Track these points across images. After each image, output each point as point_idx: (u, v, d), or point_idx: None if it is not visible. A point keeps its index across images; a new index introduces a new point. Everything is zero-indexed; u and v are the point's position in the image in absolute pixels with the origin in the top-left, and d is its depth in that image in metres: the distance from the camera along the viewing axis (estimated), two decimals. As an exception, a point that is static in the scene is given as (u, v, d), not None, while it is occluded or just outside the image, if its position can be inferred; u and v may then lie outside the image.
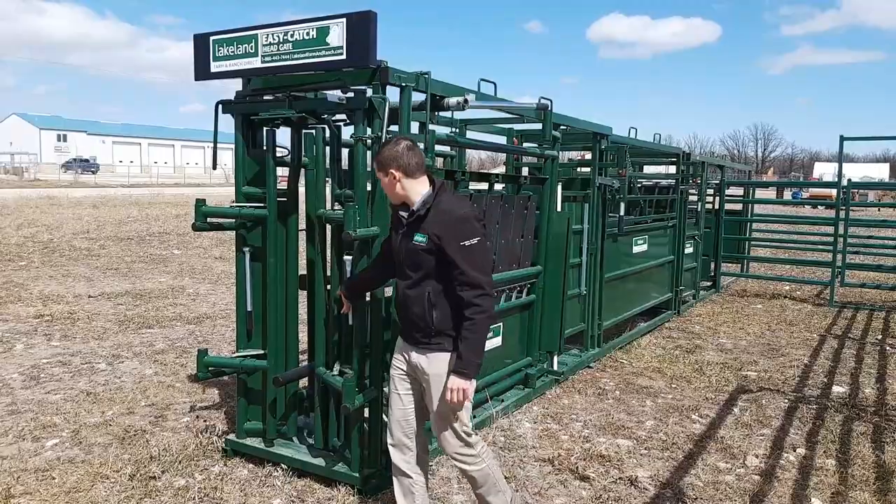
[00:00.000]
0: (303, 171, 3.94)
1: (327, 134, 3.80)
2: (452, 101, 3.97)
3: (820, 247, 12.63)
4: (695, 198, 10.20)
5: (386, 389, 3.63)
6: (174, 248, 15.17)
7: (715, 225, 11.33)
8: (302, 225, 4.04)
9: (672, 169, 9.53)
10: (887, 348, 7.67)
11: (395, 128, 3.65)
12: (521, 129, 7.21)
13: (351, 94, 3.51)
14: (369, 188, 3.53)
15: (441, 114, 4.34)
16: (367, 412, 3.71)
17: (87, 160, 67.74)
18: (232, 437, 4.22)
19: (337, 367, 3.76)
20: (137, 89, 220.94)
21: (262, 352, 3.99)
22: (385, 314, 3.66)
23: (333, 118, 3.60)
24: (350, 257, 3.54)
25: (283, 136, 4.02)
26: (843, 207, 10.56)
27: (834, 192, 33.28)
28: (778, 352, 7.49)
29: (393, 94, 3.59)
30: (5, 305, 8.63)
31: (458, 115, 5.42)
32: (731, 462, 4.38)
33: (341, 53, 3.38)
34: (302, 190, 3.97)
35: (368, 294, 3.56)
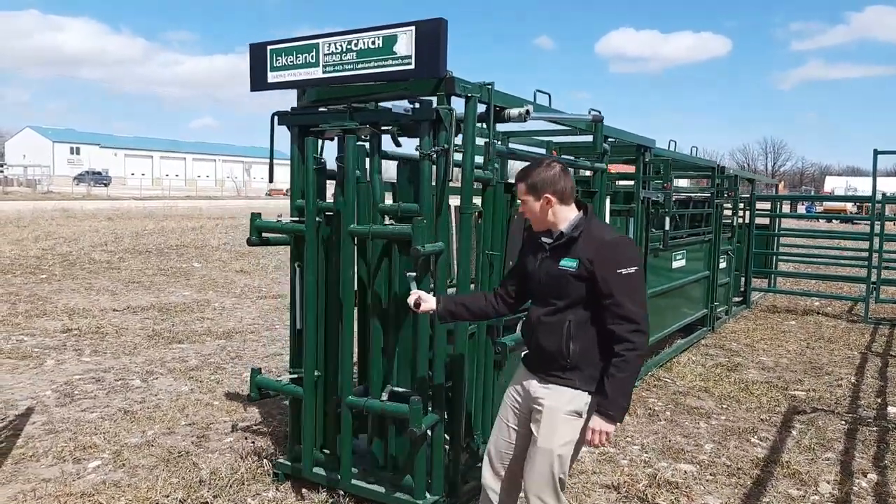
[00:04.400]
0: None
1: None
2: (514, 112, 3.83)
3: (852, 262, 12.42)
4: (727, 212, 10.03)
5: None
6: (193, 260, 15.08)
7: (745, 239, 11.14)
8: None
9: (692, 182, 9.36)
10: (936, 367, 7.45)
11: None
12: (560, 141, 7.07)
13: (416, 105, 3.37)
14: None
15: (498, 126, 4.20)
16: (429, 435, 3.54)
17: (99, 173, 68.07)
18: (282, 460, 4.06)
19: (388, 389, 3.59)
20: (150, 103, 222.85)
21: (317, 374, 3.82)
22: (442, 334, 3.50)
23: (396, 130, 3.46)
24: (413, 274, 3.38)
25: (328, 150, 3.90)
26: (879, 222, 10.36)
27: (848, 205, 32.86)
28: (821, 370, 7.29)
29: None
30: (31, 319, 8.52)
31: (503, 126, 5.30)
32: (803, 489, 4.19)
33: (409, 63, 3.25)
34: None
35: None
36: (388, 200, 3.79)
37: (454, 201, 3.63)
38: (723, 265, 9.68)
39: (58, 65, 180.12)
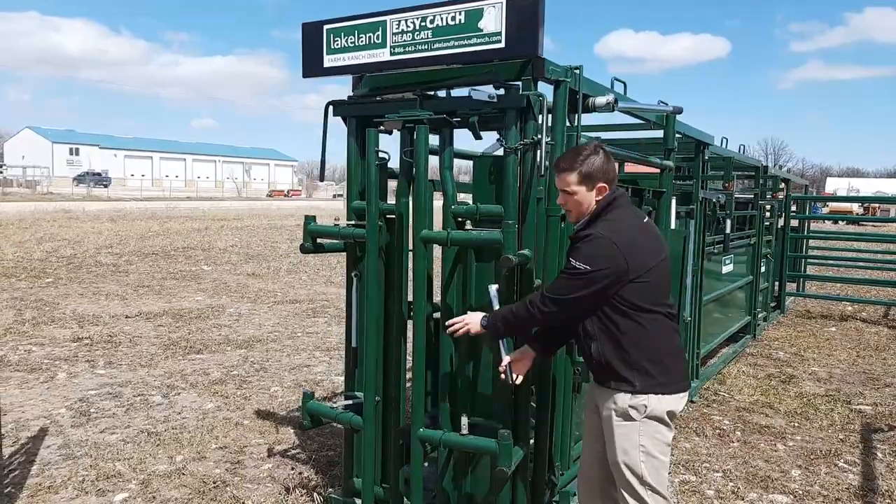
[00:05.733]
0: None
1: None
2: (601, 100, 3.38)
3: (885, 266, 11.98)
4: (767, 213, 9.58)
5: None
6: (202, 263, 14.62)
7: (781, 242, 10.69)
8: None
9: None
10: None
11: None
12: (609, 137, 6.60)
13: (502, 91, 2.92)
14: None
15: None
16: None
17: (98, 174, 67.48)
18: (335, 495, 3.60)
19: (465, 420, 3.11)
20: (150, 104, 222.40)
21: (377, 399, 3.35)
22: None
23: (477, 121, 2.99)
24: (496, 286, 2.92)
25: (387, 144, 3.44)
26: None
27: (854, 206, 32.29)
28: (880, 381, 6.84)
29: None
30: (39, 327, 8.05)
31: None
32: (919, 525, 3.74)
33: (499, 41, 2.79)
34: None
35: None
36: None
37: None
38: (763, 269, 9.24)
39: (58, 66, 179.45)
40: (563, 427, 3.51)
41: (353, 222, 3.32)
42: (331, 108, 3.37)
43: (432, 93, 3.16)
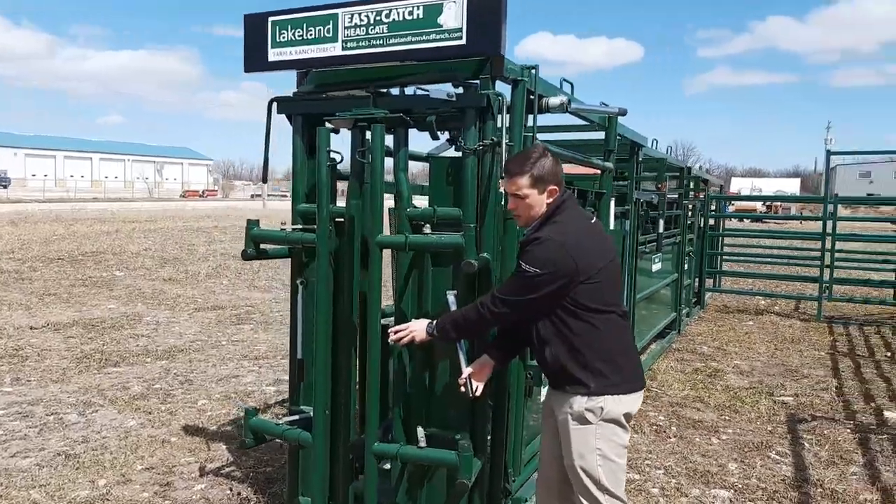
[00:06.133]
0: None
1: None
2: (555, 101, 3.34)
3: (798, 262, 12.63)
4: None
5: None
6: (114, 269, 13.85)
7: (700, 240, 11.07)
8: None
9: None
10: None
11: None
12: (554, 139, 6.61)
13: (460, 90, 2.82)
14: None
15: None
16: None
17: (-5, 173, 63.20)
18: (280, 513, 3.41)
19: (422, 432, 2.98)
20: (54, 100, 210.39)
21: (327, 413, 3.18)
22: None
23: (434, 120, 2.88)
24: (454, 292, 2.82)
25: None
26: (831, 221, 10.49)
27: (757, 204, 33.99)
28: (798, 373, 7.17)
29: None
30: (-67, 341, 7.37)
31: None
32: (854, 514, 3.89)
33: (459, 38, 2.69)
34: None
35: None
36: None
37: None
38: (686, 267, 9.54)
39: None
40: (516, 432, 3.45)
41: (299, 226, 3.14)
42: (275, 104, 3.18)
43: (385, 90, 3.03)
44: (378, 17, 2.82)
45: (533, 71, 3.09)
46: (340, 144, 3.16)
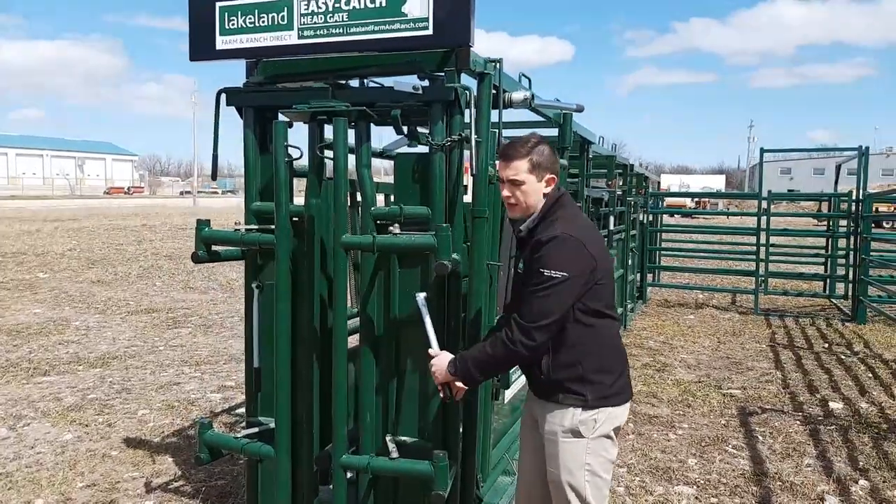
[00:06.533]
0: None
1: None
2: (518, 95, 3.24)
3: (733, 256, 12.98)
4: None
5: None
6: (37, 270, 13.12)
7: (641, 236, 11.24)
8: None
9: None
10: (853, 360, 7.74)
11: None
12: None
13: (426, 83, 2.68)
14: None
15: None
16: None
17: None
18: (236, 532, 3.20)
19: (391, 441, 2.84)
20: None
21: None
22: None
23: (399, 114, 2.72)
24: (424, 294, 2.68)
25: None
26: (765, 217, 10.80)
27: (686, 200, 34.96)
28: (742, 365, 7.33)
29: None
30: None
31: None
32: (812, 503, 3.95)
33: (426, 27, 2.55)
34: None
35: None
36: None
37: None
38: (629, 262, 9.65)
39: None
40: (484, 437, 3.34)
41: (254, 226, 2.94)
42: (223, 96, 2.96)
43: (344, 82, 2.86)
44: (337, 5, 2.65)
45: (497, 65, 2.98)
46: (294, 139, 2.98)
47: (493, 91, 3.04)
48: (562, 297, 2.26)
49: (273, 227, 2.85)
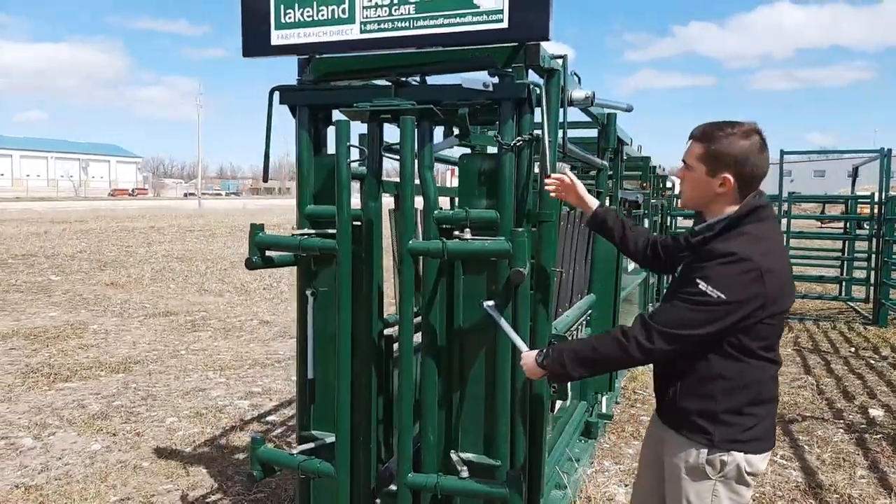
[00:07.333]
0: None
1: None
2: (579, 94, 3.07)
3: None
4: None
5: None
6: (49, 273, 13.01)
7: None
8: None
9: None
10: (882, 364, 7.59)
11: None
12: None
13: (495, 80, 2.54)
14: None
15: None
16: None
17: None
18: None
19: (456, 457, 2.69)
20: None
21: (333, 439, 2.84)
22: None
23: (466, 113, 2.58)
24: (492, 303, 2.54)
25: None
26: (785, 219, 10.67)
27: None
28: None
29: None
30: None
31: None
32: (877, 521, 3.80)
33: (500, 20, 2.41)
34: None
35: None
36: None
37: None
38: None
39: None
40: (543, 451, 3.20)
41: (309, 231, 2.80)
42: (276, 94, 2.83)
43: (406, 79, 2.72)
44: (404, -3, 2.51)
45: (562, 61, 2.84)
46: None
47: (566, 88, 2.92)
48: (708, 318, 1.97)
49: (329, 231, 2.72)
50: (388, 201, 2.95)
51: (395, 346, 2.94)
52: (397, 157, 2.65)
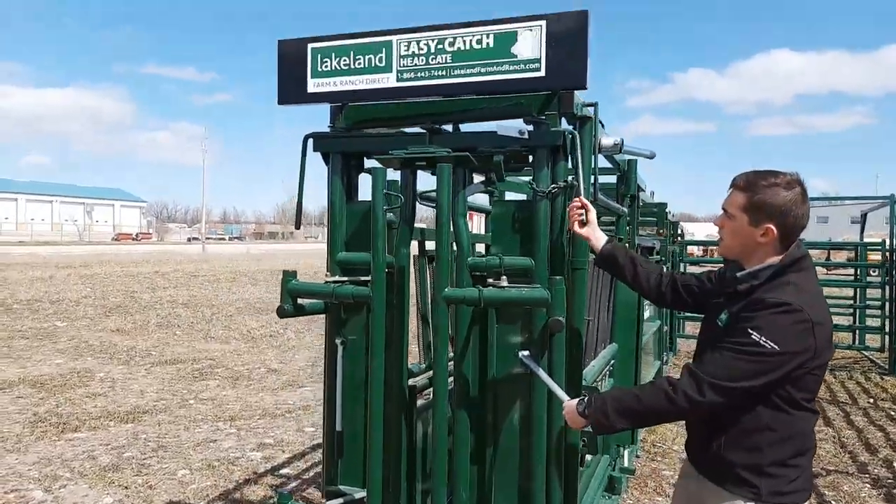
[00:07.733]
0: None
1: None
2: (608, 141, 3.08)
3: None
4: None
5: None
6: (55, 319, 12.93)
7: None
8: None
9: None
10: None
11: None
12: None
13: (530, 127, 2.54)
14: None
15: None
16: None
17: None
18: None
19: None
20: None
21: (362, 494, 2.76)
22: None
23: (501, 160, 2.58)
24: (527, 352, 2.49)
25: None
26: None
27: (693, 248, 35.02)
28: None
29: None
30: None
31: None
32: (918, 581, 3.66)
33: (537, 69, 2.42)
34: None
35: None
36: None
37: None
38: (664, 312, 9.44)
39: None
40: (573, 506, 3.10)
41: (342, 278, 2.77)
42: (310, 141, 2.83)
43: (440, 126, 2.72)
44: (440, 46, 2.53)
45: (593, 108, 2.85)
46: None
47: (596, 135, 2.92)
48: (761, 369, 1.93)
49: (362, 278, 2.68)
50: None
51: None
52: (430, 203, 2.64)
